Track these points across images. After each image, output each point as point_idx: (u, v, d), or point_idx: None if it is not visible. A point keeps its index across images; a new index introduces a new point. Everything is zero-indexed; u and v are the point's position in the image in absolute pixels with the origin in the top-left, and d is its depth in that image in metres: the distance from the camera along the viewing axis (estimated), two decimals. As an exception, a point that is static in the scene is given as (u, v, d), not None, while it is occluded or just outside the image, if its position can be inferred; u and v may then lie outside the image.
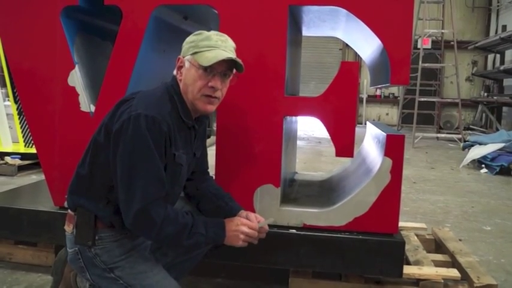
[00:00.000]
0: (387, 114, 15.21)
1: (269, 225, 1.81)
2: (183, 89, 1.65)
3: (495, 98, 11.59)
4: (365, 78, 13.71)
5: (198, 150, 1.83)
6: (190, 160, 1.76)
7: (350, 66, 2.04)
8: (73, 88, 2.24)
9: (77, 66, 2.23)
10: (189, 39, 1.66)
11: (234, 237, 1.65)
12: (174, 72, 1.68)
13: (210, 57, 1.57)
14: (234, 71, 1.68)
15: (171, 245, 1.75)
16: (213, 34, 1.63)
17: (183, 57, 1.65)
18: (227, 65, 1.63)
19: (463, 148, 7.72)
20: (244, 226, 1.66)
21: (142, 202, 1.48)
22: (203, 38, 1.61)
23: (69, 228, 1.64)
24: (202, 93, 1.62)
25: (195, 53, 1.60)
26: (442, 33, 10.56)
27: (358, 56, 11.45)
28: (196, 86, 1.61)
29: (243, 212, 1.79)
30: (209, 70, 1.59)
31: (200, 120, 1.76)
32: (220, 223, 1.66)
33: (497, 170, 6.02)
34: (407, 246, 2.36)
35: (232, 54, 1.62)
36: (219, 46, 1.60)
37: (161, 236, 1.53)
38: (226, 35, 1.67)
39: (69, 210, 1.67)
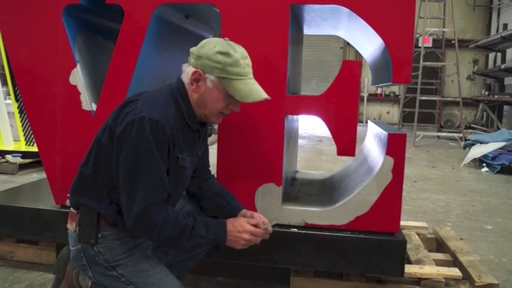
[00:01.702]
0: (388, 112, 15.20)
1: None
2: (197, 101, 1.63)
3: (496, 96, 11.61)
4: (366, 77, 13.70)
5: (200, 150, 1.83)
6: (194, 162, 1.77)
7: (352, 65, 2.04)
8: (74, 87, 2.24)
9: (78, 65, 2.24)
10: (214, 57, 1.56)
11: (234, 242, 1.65)
12: (185, 78, 1.64)
13: (244, 92, 1.59)
14: None
15: (172, 246, 1.75)
16: (240, 58, 1.59)
17: (204, 73, 1.59)
18: None
19: (464, 147, 7.71)
20: (247, 234, 1.65)
21: (143, 204, 1.48)
22: (231, 62, 1.56)
23: (71, 226, 1.65)
24: (219, 111, 1.65)
25: (224, 78, 1.57)
26: (443, 31, 10.55)
27: (359, 54, 11.45)
28: (216, 106, 1.63)
29: (247, 212, 1.79)
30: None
31: (203, 123, 1.76)
32: (221, 225, 1.65)
33: (498, 169, 6.01)
34: (408, 245, 2.37)
35: (265, 93, 1.65)
36: (247, 74, 1.61)
37: (162, 237, 1.53)
38: (247, 54, 1.64)
39: (71, 209, 1.67)
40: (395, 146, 2.00)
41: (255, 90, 1.62)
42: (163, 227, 1.51)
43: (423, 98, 9.58)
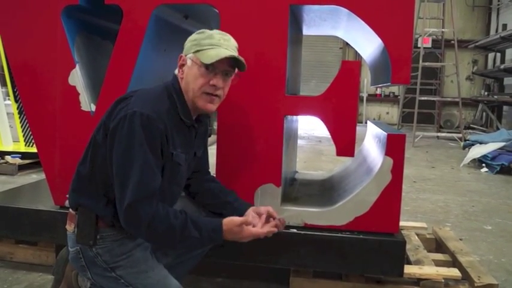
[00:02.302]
0: (387, 113, 15.20)
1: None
2: (184, 87, 1.65)
3: (495, 97, 11.61)
4: (365, 77, 13.70)
5: (199, 149, 1.83)
6: (191, 160, 1.76)
7: (351, 66, 2.04)
8: (74, 87, 2.24)
9: (77, 66, 2.23)
10: (191, 37, 1.66)
11: (234, 239, 1.62)
12: (176, 71, 1.68)
13: (212, 55, 1.57)
14: (236, 70, 1.68)
15: (165, 245, 1.72)
16: (216, 33, 1.64)
17: (185, 55, 1.65)
18: (229, 63, 1.63)
19: (464, 147, 7.71)
20: (248, 236, 1.63)
21: (132, 198, 1.47)
22: (206, 36, 1.62)
23: (70, 227, 1.64)
24: (203, 91, 1.62)
25: (198, 51, 1.60)
26: (443, 32, 10.56)
27: (358, 54, 11.45)
28: (197, 83, 1.61)
29: (261, 208, 1.78)
30: (211, 68, 1.59)
31: (201, 120, 1.76)
32: (216, 227, 1.58)
33: (498, 169, 6.01)
34: (408, 246, 2.36)
35: (234, 53, 1.62)
36: (221, 45, 1.60)
37: (151, 234, 1.51)
38: (229, 35, 1.67)
39: (70, 210, 1.66)
40: (394, 147, 1.99)
41: (222, 52, 1.59)
42: (152, 224, 1.48)
43: (422, 98, 9.58)
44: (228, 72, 1.65)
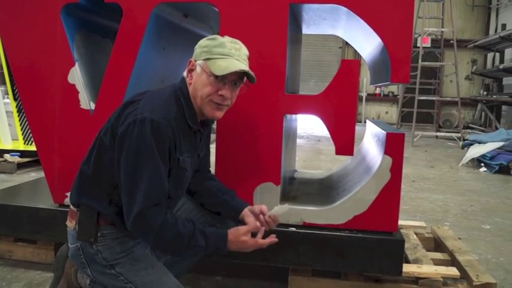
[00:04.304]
0: (387, 112, 15.20)
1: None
2: (192, 92, 1.64)
3: (494, 96, 11.61)
4: (365, 77, 13.71)
5: (202, 151, 1.83)
6: (195, 163, 1.77)
7: (350, 65, 2.04)
8: (73, 86, 2.24)
9: (77, 64, 2.23)
10: (202, 43, 1.64)
11: (238, 249, 1.66)
12: (184, 74, 1.67)
13: (223, 67, 1.56)
14: (245, 79, 1.68)
15: (169, 252, 1.73)
16: (227, 41, 1.62)
17: (195, 61, 1.63)
18: (239, 74, 1.62)
19: (462, 147, 7.71)
20: (252, 247, 1.68)
21: (142, 206, 1.48)
22: (217, 44, 1.60)
23: (71, 224, 1.65)
24: (210, 100, 1.62)
25: (208, 59, 1.58)
26: (442, 31, 10.55)
27: (358, 54, 11.44)
28: (205, 92, 1.60)
29: (255, 208, 1.80)
30: (220, 78, 1.58)
31: (205, 124, 1.76)
32: (222, 237, 1.63)
33: (497, 169, 6.02)
34: (406, 245, 2.37)
35: (245, 66, 1.61)
36: (232, 55, 1.59)
37: (159, 241, 1.53)
38: (240, 43, 1.66)
39: (71, 206, 1.67)
40: (393, 145, 2.00)
41: (233, 64, 1.58)
42: (161, 231, 1.50)
43: (422, 97, 9.57)
44: (236, 82, 1.65)
